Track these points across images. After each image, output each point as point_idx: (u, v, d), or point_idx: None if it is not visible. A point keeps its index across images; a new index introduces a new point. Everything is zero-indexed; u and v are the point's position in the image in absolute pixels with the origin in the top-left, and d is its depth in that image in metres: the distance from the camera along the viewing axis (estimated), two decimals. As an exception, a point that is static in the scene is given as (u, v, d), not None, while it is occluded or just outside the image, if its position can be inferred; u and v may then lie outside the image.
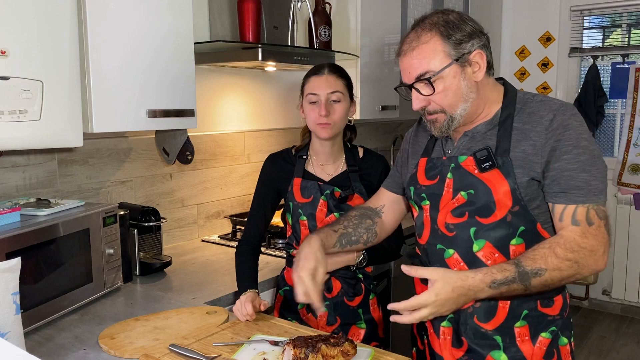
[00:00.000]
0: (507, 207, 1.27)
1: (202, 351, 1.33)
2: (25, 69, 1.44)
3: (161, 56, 1.85)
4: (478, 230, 1.30)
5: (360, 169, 1.78)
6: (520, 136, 1.29)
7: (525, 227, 1.29)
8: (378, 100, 2.91)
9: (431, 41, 1.26)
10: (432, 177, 1.40)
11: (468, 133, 1.36)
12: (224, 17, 2.30)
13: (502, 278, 1.21)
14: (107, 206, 1.78)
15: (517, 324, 1.32)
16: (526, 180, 1.26)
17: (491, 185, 1.28)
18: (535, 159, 1.26)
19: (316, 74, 1.69)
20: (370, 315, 1.77)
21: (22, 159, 1.90)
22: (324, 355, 1.20)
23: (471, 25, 1.29)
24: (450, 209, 1.34)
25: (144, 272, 2.01)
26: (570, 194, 1.24)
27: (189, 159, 2.29)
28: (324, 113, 1.65)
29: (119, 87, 1.75)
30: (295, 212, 1.74)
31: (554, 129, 1.25)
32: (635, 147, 4.04)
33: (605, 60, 4.23)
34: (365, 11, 2.74)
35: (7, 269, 1.17)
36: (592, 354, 3.60)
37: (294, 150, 1.82)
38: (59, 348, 1.41)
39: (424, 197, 1.41)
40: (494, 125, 1.33)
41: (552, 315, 1.34)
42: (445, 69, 1.26)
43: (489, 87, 1.33)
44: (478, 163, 1.30)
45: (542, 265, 1.21)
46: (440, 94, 1.28)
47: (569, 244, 1.22)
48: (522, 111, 1.32)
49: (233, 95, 2.65)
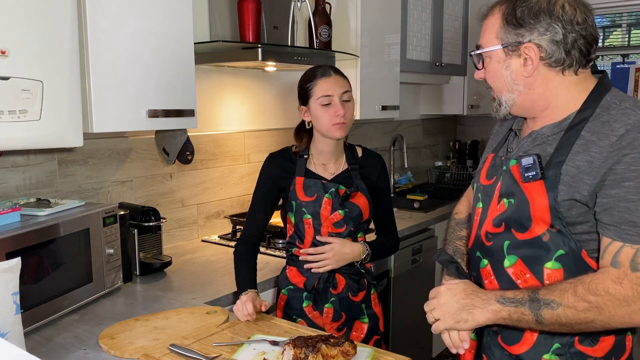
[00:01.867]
0: (545, 226, 1.14)
1: (202, 351, 1.33)
2: (25, 69, 1.44)
3: (161, 56, 1.85)
4: (511, 245, 1.20)
5: (361, 167, 1.80)
6: (582, 148, 1.11)
7: (565, 252, 1.14)
8: (378, 100, 2.91)
9: (494, 17, 1.19)
10: (489, 176, 1.30)
11: (533, 134, 1.22)
12: (224, 17, 2.30)
13: (512, 296, 1.13)
14: (107, 206, 1.78)
15: (546, 355, 1.18)
16: (567, 200, 1.11)
17: (530, 197, 1.15)
18: (586, 178, 1.09)
19: (324, 76, 1.70)
20: (372, 309, 1.80)
21: (22, 159, 1.90)
22: (324, 355, 1.20)
23: (550, 17, 1.11)
24: (494, 216, 1.24)
25: (144, 272, 2.01)
26: (621, 229, 1.06)
27: (189, 159, 2.29)
28: (342, 112, 1.66)
29: (119, 87, 1.75)
30: (299, 211, 1.74)
31: (621, 147, 1.06)
32: (635, 147, 4.04)
33: (605, 60, 4.23)
34: (365, 11, 2.74)
35: (7, 269, 1.17)
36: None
37: (293, 151, 1.82)
38: (59, 348, 1.41)
39: (479, 197, 1.32)
40: (561, 129, 1.16)
41: (594, 357, 1.17)
42: (490, 50, 1.19)
43: (563, 85, 1.16)
44: (522, 171, 1.16)
45: (556, 299, 1.08)
46: (487, 72, 1.23)
47: (594, 286, 1.07)
48: (598, 118, 1.12)
49: (233, 95, 2.65)
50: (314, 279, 1.73)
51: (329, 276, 1.74)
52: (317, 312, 1.74)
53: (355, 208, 1.74)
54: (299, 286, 1.76)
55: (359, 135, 3.46)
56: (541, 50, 1.13)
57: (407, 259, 2.78)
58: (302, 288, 1.75)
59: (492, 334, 1.27)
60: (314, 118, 1.72)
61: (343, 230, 1.73)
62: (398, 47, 3.03)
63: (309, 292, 1.74)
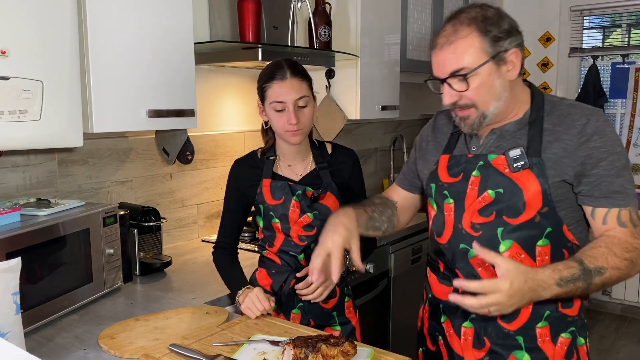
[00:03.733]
0: (537, 208, 1.27)
1: (202, 351, 1.33)
2: (25, 69, 1.44)
3: (161, 56, 1.85)
4: (505, 231, 1.29)
5: (330, 165, 1.71)
6: (552, 137, 1.28)
7: (552, 229, 1.29)
8: (378, 100, 2.91)
9: (469, 37, 1.23)
10: (455, 174, 1.38)
11: (496, 131, 1.34)
12: (224, 17, 2.30)
13: (568, 275, 1.18)
14: (107, 206, 1.78)
15: (539, 324, 1.32)
16: (557, 182, 1.26)
17: (522, 185, 1.27)
18: (567, 161, 1.26)
19: (278, 78, 1.57)
20: (345, 317, 1.73)
21: (22, 159, 1.90)
22: (324, 355, 1.20)
23: (509, 23, 1.26)
24: (477, 208, 1.32)
25: (144, 272, 2.01)
26: (612, 198, 1.25)
27: (189, 159, 2.29)
28: (294, 121, 1.56)
29: (119, 87, 1.75)
30: (267, 215, 1.68)
31: (588, 134, 1.25)
32: (635, 147, 4.04)
33: (605, 60, 4.23)
34: (365, 11, 2.74)
35: (7, 269, 1.17)
36: (592, 354, 3.58)
37: (259, 153, 1.75)
38: (59, 348, 1.41)
39: (446, 194, 1.39)
40: (523, 125, 1.32)
41: (572, 316, 1.35)
42: (482, 66, 1.23)
43: (519, 87, 1.32)
44: (510, 162, 1.29)
45: (603, 264, 1.20)
46: (474, 90, 1.25)
47: (624, 244, 1.22)
48: (552, 113, 1.31)
49: (233, 95, 2.65)
50: (280, 281, 1.68)
51: (296, 281, 1.66)
52: (283, 317, 1.68)
53: (325, 209, 1.66)
54: (266, 289, 1.70)
55: (359, 135, 3.46)
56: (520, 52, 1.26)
57: (407, 259, 2.78)
58: (269, 291, 1.70)
59: (491, 316, 1.30)
60: (269, 120, 1.64)
61: (314, 233, 1.65)
62: (398, 47, 3.03)
63: (276, 294, 1.68)
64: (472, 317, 1.36)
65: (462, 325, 1.38)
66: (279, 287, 1.69)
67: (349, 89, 2.76)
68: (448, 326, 1.43)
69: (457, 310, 1.38)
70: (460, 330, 1.39)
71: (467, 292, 1.16)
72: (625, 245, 1.22)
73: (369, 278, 2.48)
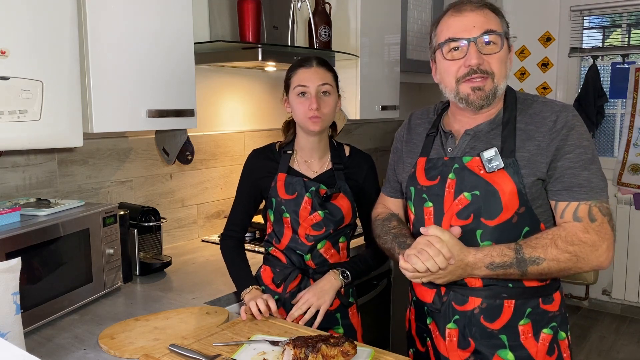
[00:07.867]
0: (514, 209, 1.28)
1: (202, 351, 1.33)
2: (25, 69, 1.44)
3: (161, 56, 1.85)
4: (484, 233, 1.30)
5: (346, 167, 1.72)
6: (525, 136, 1.30)
7: (529, 228, 1.30)
8: (378, 100, 2.91)
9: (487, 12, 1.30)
10: (432, 177, 1.39)
11: (470, 132, 1.36)
12: (224, 17, 2.30)
13: (500, 262, 1.24)
14: (107, 206, 1.78)
15: (522, 322, 1.34)
16: (532, 181, 1.28)
17: (498, 186, 1.28)
18: (540, 159, 1.28)
19: (304, 66, 1.64)
20: (348, 320, 1.73)
21: (22, 159, 1.90)
22: (324, 355, 1.20)
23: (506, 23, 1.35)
24: (456, 211, 1.33)
25: (144, 272, 2.01)
26: (572, 191, 1.27)
27: (189, 159, 2.29)
28: (315, 106, 1.59)
29: (119, 87, 1.75)
30: (278, 209, 1.69)
31: (557, 130, 1.28)
32: (635, 147, 4.04)
33: (605, 60, 4.23)
34: (365, 11, 2.74)
35: (7, 269, 1.17)
36: (592, 354, 3.60)
37: (277, 146, 1.77)
38: (59, 348, 1.41)
39: (425, 198, 1.40)
40: (496, 125, 1.34)
41: (553, 312, 1.36)
42: (505, 36, 1.30)
43: None
44: (485, 163, 1.30)
45: (541, 255, 1.23)
46: (498, 55, 1.29)
47: (570, 237, 1.24)
48: (524, 112, 1.33)
49: (233, 95, 2.65)
50: (282, 274, 1.69)
51: (302, 279, 1.68)
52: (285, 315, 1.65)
53: (336, 210, 1.67)
54: (270, 287, 1.71)
55: (359, 135, 3.46)
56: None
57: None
58: (274, 290, 1.70)
59: (474, 316, 1.34)
60: (292, 109, 1.67)
61: (322, 233, 1.67)
62: (398, 47, 3.03)
63: (278, 285, 1.69)
64: (455, 317, 1.37)
65: (447, 327, 1.38)
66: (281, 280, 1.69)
67: (349, 89, 2.77)
68: (434, 327, 1.43)
69: (440, 311, 1.39)
70: (445, 332, 1.39)
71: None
72: (570, 238, 1.24)
73: (370, 278, 2.48)
